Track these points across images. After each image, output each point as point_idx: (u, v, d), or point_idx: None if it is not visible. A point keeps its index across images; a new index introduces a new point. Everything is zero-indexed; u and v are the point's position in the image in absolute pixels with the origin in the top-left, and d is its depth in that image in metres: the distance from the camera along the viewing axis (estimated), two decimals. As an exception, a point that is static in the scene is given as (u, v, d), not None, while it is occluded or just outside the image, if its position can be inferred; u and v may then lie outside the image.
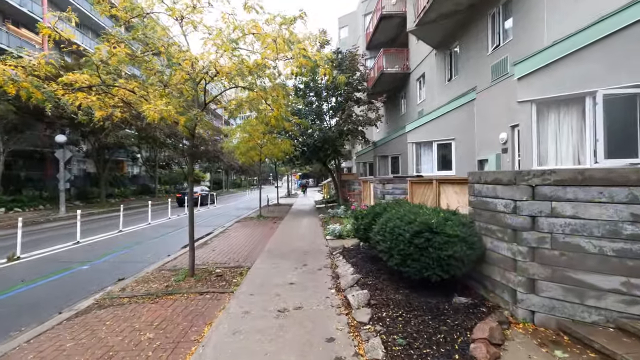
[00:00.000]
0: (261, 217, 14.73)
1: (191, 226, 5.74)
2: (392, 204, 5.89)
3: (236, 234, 10.55)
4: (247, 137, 13.39)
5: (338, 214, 13.70)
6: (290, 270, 5.86)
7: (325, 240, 8.87)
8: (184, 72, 4.90)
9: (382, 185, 9.87)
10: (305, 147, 16.80)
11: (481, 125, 10.30)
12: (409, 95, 17.53)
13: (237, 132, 13.56)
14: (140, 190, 36.16)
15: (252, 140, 13.42)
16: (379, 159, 19.27)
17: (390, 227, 4.33)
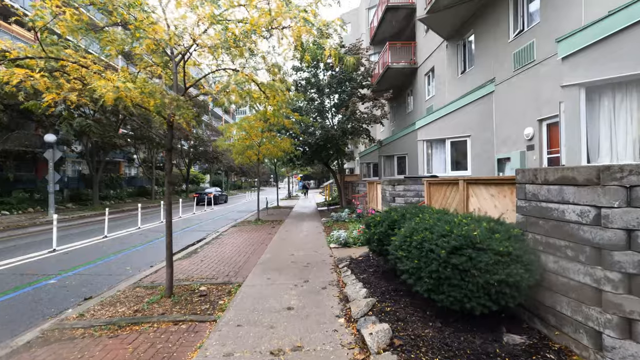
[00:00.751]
0: (259, 221, 13.75)
1: (169, 237, 4.76)
2: (411, 209, 4.90)
3: (230, 241, 9.57)
4: (244, 135, 12.44)
5: (342, 217, 12.71)
6: (288, 289, 4.87)
7: (329, 248, 7.88)
8: (150, 40, 3.93)
9: (391, 187, 8.89)
10: (306, 146, 15.84)
11: (501, 120, 9.31)
12: (417, 91, 16.55)
13: (233, 129, 12.60)
14: (138, 192, 35.22)
15: (249, 138, 12.46)
16: (384, 159, 18.27)
17: (417, 241, 3.34)
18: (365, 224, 5.22)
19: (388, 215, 4.85)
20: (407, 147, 16.76)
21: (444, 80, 13.24)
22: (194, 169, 56.82)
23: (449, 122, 10.76)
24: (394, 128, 20.85)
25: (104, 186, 30.84)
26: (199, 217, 17.35)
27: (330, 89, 15.43)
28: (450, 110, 10.76)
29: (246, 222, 14.14)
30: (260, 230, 11.44)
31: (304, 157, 16.71)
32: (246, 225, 12.95)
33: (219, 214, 19.58)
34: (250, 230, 11.69)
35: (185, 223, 14.99)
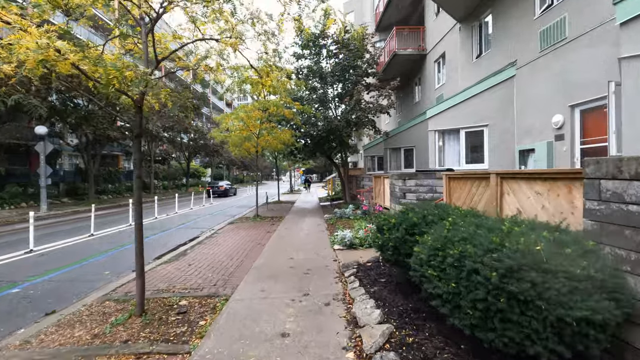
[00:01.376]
0: (258, 217, 12.95)
1: (139, 244, 3.93)
2: (432, 209, 4.04)
3: (224, 241, 8.77)
4: (241, 126, 11.57)
5: (346, 214, 11.87)
6: (284, 305, 4.05)
7: (332, 250, 7.05)
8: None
9: (402, 182, 8.02)
10: (308, 138, 14.96)
11: (523, 107, 8.38)
12: (425, 79, 15.57)
13: (230, 119, 11.73)
14: (136, 186, 34.53)
15: (246, 129, 11.60)
16: (390, 152, 17.36)
17: (453, 257, 2.49)
18: (377, 226, 4.37)
19: (404, 217, 3.99)
20: (415, 138, 15.83)
21: (455, 66, 12.26)
22: (195, 162, 56.13)
23: (463, 111, 9.84)
24: (400, 119, 19.89)
25: (102, 180, 30.18)
26: (196, 213, 16.59)
27: (334, 77, 14.48)
28: (465, 98, 9.83)
29: (244, 218, 13.35)
30: (259, 228, 10.64)
31: (305, 150, 15.83)
32: (244, 222, 12.15)
33: (218, 209, 18.81)
34: (248, 227, 10.89)
35: (182, 219, 14.22)
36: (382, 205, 10.06)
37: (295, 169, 43.65)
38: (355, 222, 10.42)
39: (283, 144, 12.74)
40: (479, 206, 4.54)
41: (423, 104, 15.85)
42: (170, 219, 14.33)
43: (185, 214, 16.24)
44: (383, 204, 10.40)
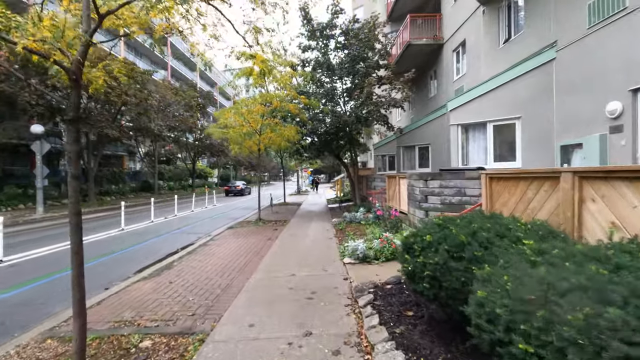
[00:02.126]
0: (260, 221, 11.90)
1: (77, 272, 2.85)
2: (481, 219, 2.90)
3: (219, 250, 7.73)
4: (241, 121, 10.55)
5: (356, 218, 10.75)
6: (278, 353, 2.96)
7: (342, 264, 5.94)
8: None
9: (423, 183, 6.86)
10: (314, 136, 13.89)
11: (566, 95, 7.14)
12: (442, 71, 14.34)
13: (230, 115, 10.70)
14: (141, 187, 33.96)
15: (246, 125, 10.57)
16: (403, 150, 16.19)
17: (575, 327, 1.35)
18: (403, 244, 3.24)
19: (444, 233, 2.85)
20: (431, 135, 14.63)
21: (478, 53, 11.02)
22: (202, 163, 55.56)
23: (490, 102, 8.63)
24: (412, 116, 18.66)
25: (105, 181, 29.60)
26: (196, 216, 15.65)
27: (342, 70, 13.36)
28: (492, 87, 8.62)
29: (246, 222, 12.32)
30: (259, 234, 9.58)
31: (312, 149, 14.76)
32: (244, 227, 11.11)
33: (220, 211, 17.86)
34: (248, 233, 9.85)
35: (180, 222, 13.27)
36: (398, 209, 8.92)
37: (302, 169, 42.63)
38: (367, 228, 9.29)
39: (287, 141, 11.67)
40: (539, 215, 3.38)
41: (439, 98, 14.62)
42: (167, 222, 13.40)
43: (185, 216, 15.31)
44: (399, 208, 9.24)
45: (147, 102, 20.71)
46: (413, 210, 7.43)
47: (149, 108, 21.47)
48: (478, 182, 6.09)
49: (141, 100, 20.20)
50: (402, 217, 8.44)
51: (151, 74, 22.24)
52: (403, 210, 8.75)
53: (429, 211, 6.77)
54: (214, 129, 10.34)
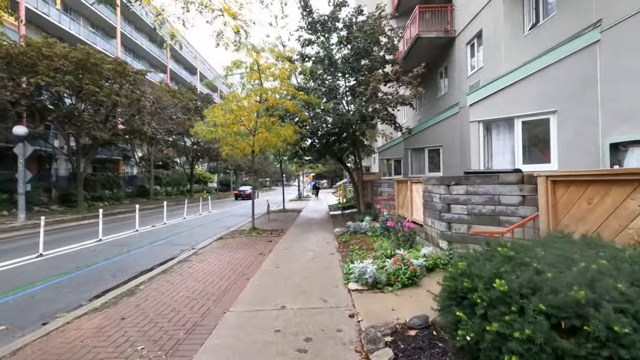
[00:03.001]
0: (254, 231, 10.68)
1: None
2: (574, 247, 1.67)
3: (199, 268, 6.51)
4: (232, 119, 9.39)
5: (361, 228, 9.51)
6: None
7: (347, 292, 4.70)
8: None
9: (444, 189, 5.65)
10: (315, 137, 12.72)
11: (616, 83, 5.93)
12: (454, 67, 13.17)
13: (219, 112, 9.53)
14: (137, 192, 32.88)
15: (237, 123, 9.41)
16: (411, 153, 15.00)
17: None
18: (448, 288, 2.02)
19: (529, 277, 1.63)
20: (442, 136, 13.44)
21: (498, 43, 9.86)
22: (202, 168, 54.50)
23: (518, 94, 7.42)
24: (420, 117, 17.49)
25: (99, 186, 28.53)
26: (187, 224, 14.46)
27: (345, 65, 12.22)
28: (520, 77, 7.42)
29: (238, 231, 11.10)
30: (251, 247, 8.36)
31: (312, 151, 13.58)
32: (236, 238, 9.90)
33: (214, 218, 16.66)
34: (238, 245, 8.63)
35: (167, 232, 12.08)
36: (412, 219, 7.67)
37: (304, 173, 41.43)
38: (374, 240, 8.06)
39: (284, 142, 10.48)
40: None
41: (450, 96, 13.44)
42: (154, 231, 12.20)
43: (175, 225, 14.12)
44: (410, 217, 8.01)
45: (139, 103, 19.64)
46: (431, 222, 6.20)
47: (142, 109, 20.40)
48: (517, 188, 4.87)
49: (133, 100, 19.14)
50: (416, 228, 7.21)
51: (144, 73, 21.22)
52: (417, 220, 7.52)
53: (453, 223, 5.54)
54: (200, 128, 9.16)
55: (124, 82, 19.92)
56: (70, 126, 16.85)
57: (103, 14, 31.76)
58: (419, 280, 4.80)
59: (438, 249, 5.86)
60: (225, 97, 9.40)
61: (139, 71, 21.12)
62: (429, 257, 5.50)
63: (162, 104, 25.40)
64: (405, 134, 13.75)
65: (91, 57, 17.12)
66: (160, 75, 43.13)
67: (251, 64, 9.53)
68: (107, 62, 18.06)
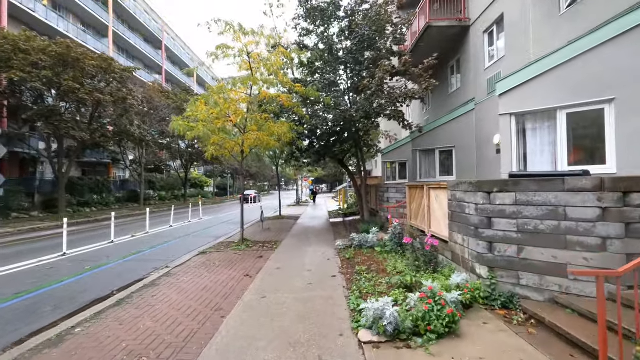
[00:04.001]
0: (244, 243, 9.28)
1: None
2: None
3: (166, 297, 5.11)
4: (216, 113, 8.03)
5: (368, 241, 8.12)
6: None
7: (356, 345, 3.31)
8: None
9: (483, 197, 4.27)
10: (313, 135, 11.38)
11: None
12: (468, 60, 11.86)
13: (202, 107, 8.15)
14: (128, 197, 31.46)
15: (224, 118, 8.06)
16: (420, 155, 13.63)
17: None
18: None
19: None
20: (456, 136, 12.09)
21: (525, 27, 8.54)
22: (198, 172, 53.11)
23: (562, 80, 6.08)
24: (428, 116, 16.17)
25: (87, 190, 27.09)
26: (173, 233, 13.05)
27: (348, 57, 10.90)
28: (564, 60, 6.07)
29: (226, 243, 9.70)
30: (236, 265, 6.96)
31: (311, 152, 12.23)
32: (221, 251, 8.50)
33: (204, 225, 15.24)
34: (221, 263, 7.23)
35: (148, 242, 10.67)
36: (427, 231, 6.30)
37: (302, 177, 40.07)
38: (385, 258, 6.67)
39: (278, 141, 9.13)
40: None
41: (464, 92, 12.12)
42: (132, 242, 10.80)
43: (158, 234, 12.71)
44: (427, 229, 6.63)
45: (126, 102, 18.30)
46: (462, 239, 4.81)
47: (129, 109, 19.05)
48: (593, 197, 3.50)
49: (118, 99, 17.80)
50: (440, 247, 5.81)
51: (132, 70, 19.91)
52: (437, 233, 6.14)
53: (496, 243, 4.16)
54: (177, 123, 7.73)
55: (110, 80, 18.62)
56: (47, 125, 15.49)
57: (94, 12, 30.58)
58: (456, 328, 3.41)
59: (473, 276, 4.48)
60: (210, 89, 8.05)
61: (127, 68, 19.81)
62: (464, 287, 4.12)
63: (154, 104, 24.07)
64: (415, 133, 12.40)
65: (71, 52, 15.81)
66: (156, 77, 41.94)
67: (240, 50, 8.20)
68: (90, 58, 16.74)
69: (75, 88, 15.48)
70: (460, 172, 11.92)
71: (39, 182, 24.27)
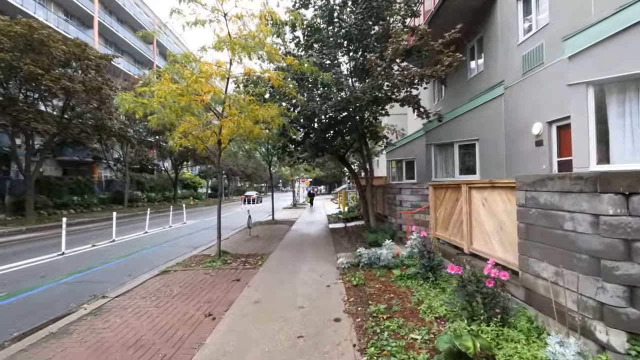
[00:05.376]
0: (221, 258, 7.30)
1: None
2: None
3: (76, 355, 3.14)
4: (179, 90, 6.06)
5: (380, 258, 6.13)
6: None
7: None
8: None
9: (610, 201, 2.29)
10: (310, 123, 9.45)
11: None
12: (495, 35, 9.94)
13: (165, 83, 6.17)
14: (113, 198, 29.39)
15: (188, 96, 6.09)
16: (435, 150, 11.70)
17: None
18: None
19: None
20: (479, 127, 10.18)
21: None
22: (192, 172, 51.03)
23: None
24: (441, 107, 14.24)
25: (66, 191, 25.03)
26: (144, 241, 11.05)
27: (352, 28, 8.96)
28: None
29: (200, 257, 7.71)
30: (199, 297, 4.98)
31: (306, 144, 10.26)
32: (189, 270, 6.52)
33: (185, 231, 13.23)
34: (181, 292, 5.24)
35: (106, 255, 8.67)
36: (467, 248, 4.36)
37: (300, 179, 38.07)
38: (410, 288, 4.70)
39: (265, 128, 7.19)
40: None
41: (489, 74, 10.20)
42: (86, 254, 8.81)
43: (125, 243, 10.71)
44: (467, 245, 4.71)
45: (100, 93, 16.30)
46: (556, 274, 2.85)
47: (105, 100, 17.05)
48: None
49: (91, 89, 15.79)
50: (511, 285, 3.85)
51: (110, 58, 17.92)
52: (483, 252, 4.21)
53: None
54: (122, 97, 5.69)
55: (85, 68, 16.62)
56: (4, 116, 13.48)
57: (77, 0, 28.58)
58: None
59: (590, 343, 2.53)
60: (170, 56, 6.02)
61: (104, 56, 17.80)
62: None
63: (137, 98, 21.99)
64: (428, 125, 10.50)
65: (35, 32, 13.80)
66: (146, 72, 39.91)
67: (214, 8, 6.26)
68: (57, 40, 14.74)
69: (37, 74, 13.48)
70: (485, 170, 10.01)
71: (10, 182, 22.18)
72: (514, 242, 3.65)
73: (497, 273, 3.12)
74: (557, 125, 7.43)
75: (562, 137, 7.34)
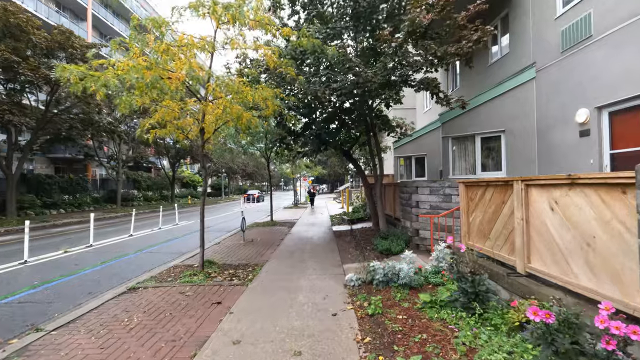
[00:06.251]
0: (203, 271, 6.08)
1: None
2: None
3: None
4: (145, 63, 4.81)
5: (400, 275, 4.84)
6: None
7: None
8: None
9: None
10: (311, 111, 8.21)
11: None
12: (524, 11, 8.62)
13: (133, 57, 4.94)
14: (107, 197, 28.30)
15: (157, 70, 4.85)
16: (452, 144, 10.42)
17: None
18: None
19: None
20: (506, 117, 8.89)
21: None
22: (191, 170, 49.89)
23: None
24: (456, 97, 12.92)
25: (57, 190, 23.93)
26: (127, 245, 9.85)
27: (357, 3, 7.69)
28: None
29: (180, 269, 6.48)
30: (164, 329, 3.74)
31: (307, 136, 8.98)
32: (163, 287, 5.28)
33: (174, 234, 12.01)
34: (143, 321, 4.01)
35: (76, 263, 7.47)
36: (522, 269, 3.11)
37: (301, 177, 36.82)
38: (446, 323, 3.42)
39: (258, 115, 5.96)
40: None
41: (515, 58, 8.90)
42: (52, 263, 7.60)
43: (105, 247, 9.52)
44: (523, 264, 3.47)
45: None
46: None
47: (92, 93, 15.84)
48: None
49: (75, 79, 14.57)
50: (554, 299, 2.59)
51: (95, 46, 16.72)
52: (540, 272, 2.96)
53: None
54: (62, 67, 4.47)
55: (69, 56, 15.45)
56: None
57: (69, -9, 27.45)
58: None
59: None
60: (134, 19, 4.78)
61: (91, 44, 16.60)
62: None
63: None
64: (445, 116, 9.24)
65: (11, 16, 12.60)
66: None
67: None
68: (38, 27, 13.55)
69: (13, 61, 12.29)
70: (512, 165, 8.71)
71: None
72: (617, 268, 2.39)
73: (624, 328, 1.85)
74: (609, 110, 6.16)
75: (616, 125, 6.08)
